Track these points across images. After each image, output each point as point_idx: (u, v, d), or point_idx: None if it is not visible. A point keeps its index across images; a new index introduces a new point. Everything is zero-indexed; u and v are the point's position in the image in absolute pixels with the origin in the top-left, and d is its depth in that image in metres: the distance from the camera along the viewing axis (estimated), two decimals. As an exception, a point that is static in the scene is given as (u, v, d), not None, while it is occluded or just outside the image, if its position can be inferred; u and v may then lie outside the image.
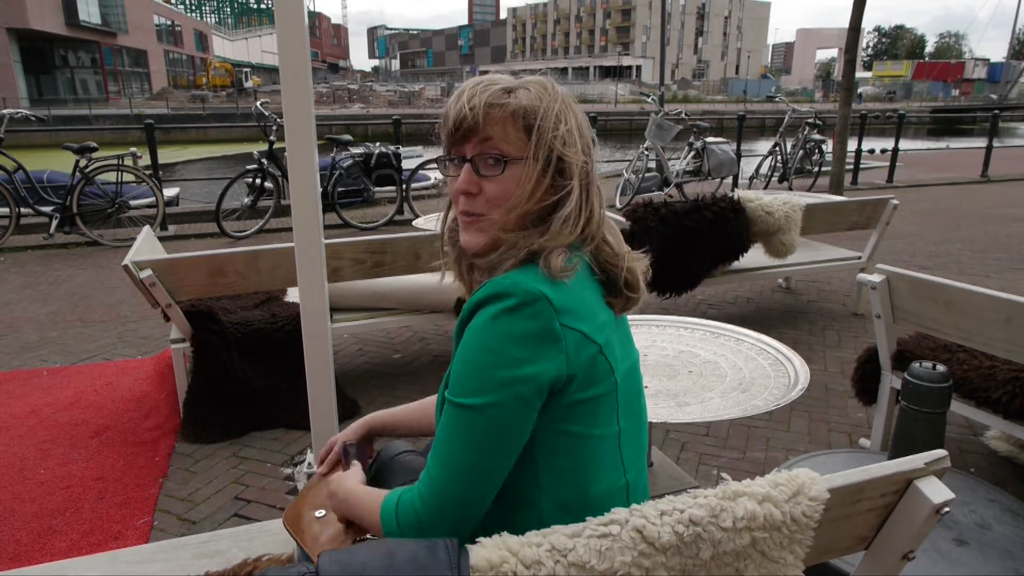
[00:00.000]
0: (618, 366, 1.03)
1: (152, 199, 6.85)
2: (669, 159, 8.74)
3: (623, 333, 1.11)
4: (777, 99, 11.73)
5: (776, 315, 4.53)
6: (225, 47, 69.31)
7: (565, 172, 1.03)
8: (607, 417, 1.02)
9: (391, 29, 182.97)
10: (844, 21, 8.19)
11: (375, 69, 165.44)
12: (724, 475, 2.62)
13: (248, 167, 6.87)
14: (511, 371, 0.93)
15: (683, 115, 9.05)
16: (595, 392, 1.00)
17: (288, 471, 2.64)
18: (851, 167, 9.94)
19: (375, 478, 1.44)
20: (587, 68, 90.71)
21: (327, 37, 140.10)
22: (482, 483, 0.97)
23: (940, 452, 1.07)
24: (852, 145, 9.46)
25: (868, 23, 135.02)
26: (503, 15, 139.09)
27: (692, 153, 8.76)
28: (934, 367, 1.95)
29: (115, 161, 6.51)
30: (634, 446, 1.10)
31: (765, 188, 9.12)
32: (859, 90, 52.81)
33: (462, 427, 0.96)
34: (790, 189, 8.82)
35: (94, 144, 6.46)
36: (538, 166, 1.01)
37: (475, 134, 1.03)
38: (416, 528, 0.98)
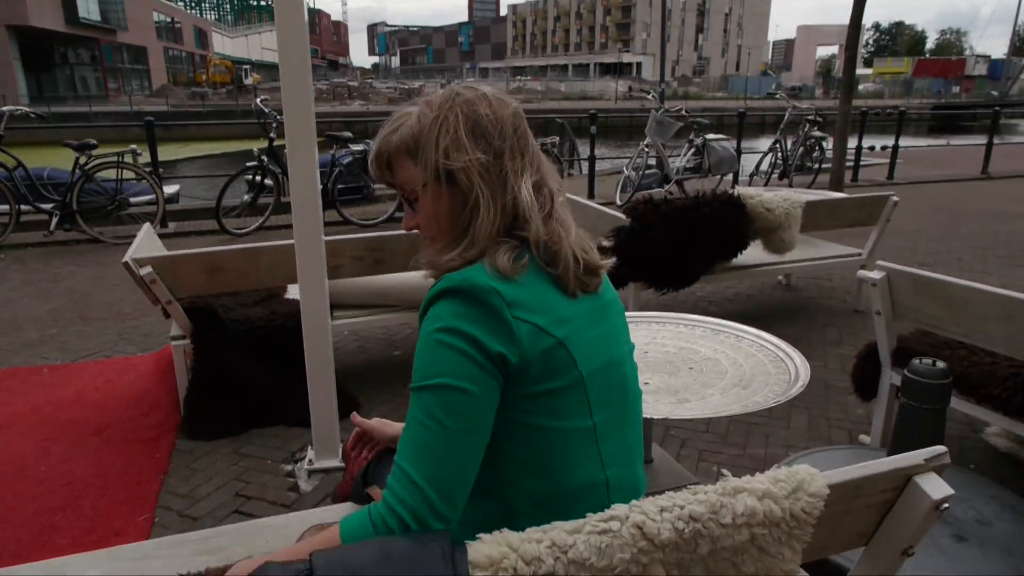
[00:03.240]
0: (585, 360, 1.03)
1: (152, 196, 6.84)
2: (669, 156, 8.73)
3: (608, 326, 1.11)
4: (778, 96, 11.73)
5: (776, 312, 4.53)
6: (225, 44, 69.24)
7: (458, 181, 1.05)
8: (575, 410, 1.03)
9: (391, 26, 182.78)
10: (845, 18, 8.17)
11: (375, 66, 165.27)
12: (724, 471, 2.62)
13: (248, 164, 6.86)
14: (461, 343, 0.95)
15: (683, 112, 9.04)
16: (555, 384, 1.00)
17: (289, 468, 2.64)
18: (851, 164, 9.92)
19: (369, 473, 1.45)
20: (587, 65, 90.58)
21: (327, 34, 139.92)
22: (456, 462, 0.95)
23: (940, 448, 1.07)
24: (852, 142, 9.44)
25: (871, 20, 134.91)
26: (503, 12, 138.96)
27: (692, 150, 8.75)
28: (934, 363, 1.95)
29: (115, 158, 6.51)
30: (616, 442, 1.09)
31: (765, 185, 9.11)
32: (860, 87, 52.72)
33: (425, 409, 0.96)
34: (790, 186, 8.80)
35: (94, 141, 6.45)
36: (433, 187, 1.06)
37: (391, 179, 1.14)
38: (400, 528, 0.93)
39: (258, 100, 7.26)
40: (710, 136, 8.90)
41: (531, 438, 1.01)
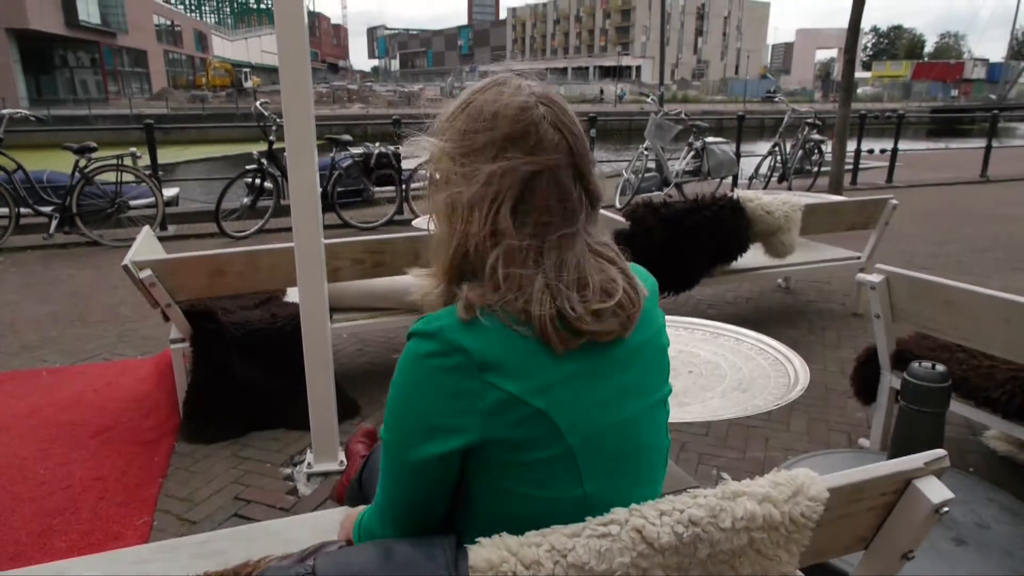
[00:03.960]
0: (578, 427, 0.88)
1: (152, 199, 6.85)
2: (668, 159, 8.74)
3: (630, 378, 0.95)
4: (777, 99, 11.73)
5: (776, 315, 4.53)
6: (225, 47, 69.35)
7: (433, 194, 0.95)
8: (562, 480, 0.89)
9: (391, 29, 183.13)
10: (843, 22, 8.19)
11: (375, 69, 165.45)
12: (724, 475, 2.62)
13: (248, 167, 6.87)
14: (412, 414, 0.89)
15: (683, 115, 9.06)
16: (535, 456, 0.88)
17: (288, 471, 2.64)
18: (850, 167, 9.94)
19: (365, 477, 1.46)
20: (587, 68, 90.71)
21: (327, 37, 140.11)
22: (415, 509, 0.94)
23: (939, 452, 1.07)
24: (851, 145, 9.45)
25: (869, 24, 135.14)
26: (503, 15, 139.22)
27: (692, 153, 8.76)
28: (933, 367, 1.96)
29: (115, 161, 6.51)
30: (614, 508, 0.92)
31: (765, 188, 9.12)
32: (859, 90, 52.84)
33: (384, 458, 0.95)
34: (790, 189, 8.82)
35: (94, 144, 6.46)
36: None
37: None
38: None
39: (258, 103, 7.27)
40: (709, 139, 8.91)
41: (506, 500, 0.91)
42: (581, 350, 0.89)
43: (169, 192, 8.68)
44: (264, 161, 6.84)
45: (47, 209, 6.41)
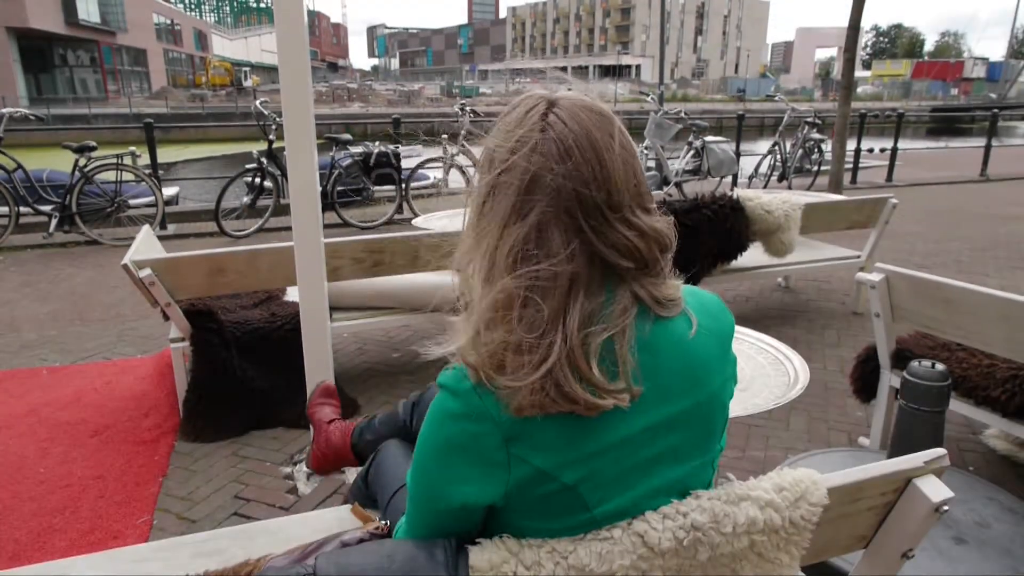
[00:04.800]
0: (607, 499, 0.84)
1: (151, 198, 6.84)
2: (668, 158, 8.74)
3: (678, 439, 0.87)
4: (777, 98, 11.72)
5: (775, 314, 4.53)
6: (224, 46, 69.26)
7: None
8: (575, 523, 0.87)
9: (391, 28, 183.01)
10: (843, 21, 8.18)
11: (374, 68, 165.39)
12: (729, 475, 2.62)
13: (247, 166, 6.86)
14: (443, 489, 0.85)
15: (682, 114, 9.05)
16: (557, 525, 0.85)
17: (287, 470, 2.64)
18: (850, 166, 9.93)
19: (372, 476, 1.46)
20: (587, 67, 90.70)
21: (326, 36, 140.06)
22: (436, 530, 0.91)
23: (939, 451, 1.07)
24: (851, 144, 9.44)
25: (870, 22, 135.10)
26: (503, 14, 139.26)
27: (691, 152, 8.76)
28: (933, 366, 1.96)
29: (114, 160, 6.51)
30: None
31: (764, 187, 9.11)
32: (858, 89, 52.83)
33: (410, 501, 0.93)
34: (789, 188, 8.81)
35: (93, 143, 6.46)
36: None
37: None
38: None
39: (257, 102, 7.26)
40: (709, 138, 8.90)
41: (514, 530, 0.89)
42: (617, 413, 0.80)
43: (169, 191, 8.68)
44: (264, 160, 6.83)
45: (47, 208, 6.41)
